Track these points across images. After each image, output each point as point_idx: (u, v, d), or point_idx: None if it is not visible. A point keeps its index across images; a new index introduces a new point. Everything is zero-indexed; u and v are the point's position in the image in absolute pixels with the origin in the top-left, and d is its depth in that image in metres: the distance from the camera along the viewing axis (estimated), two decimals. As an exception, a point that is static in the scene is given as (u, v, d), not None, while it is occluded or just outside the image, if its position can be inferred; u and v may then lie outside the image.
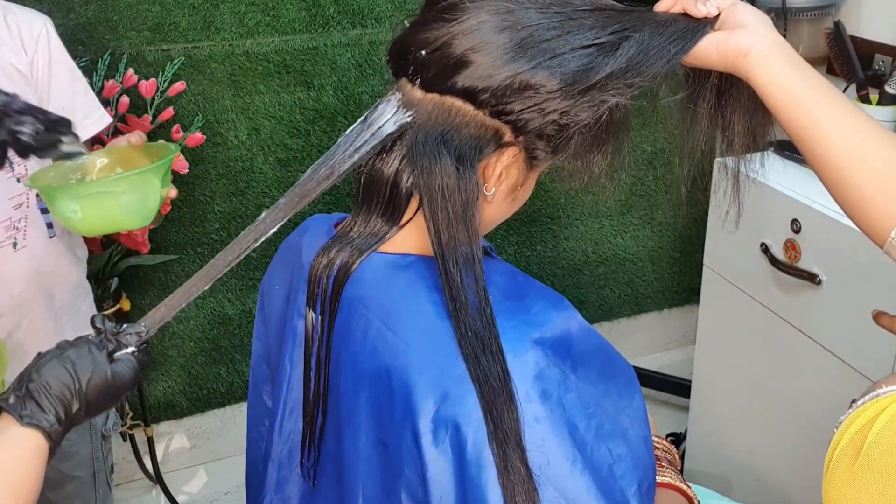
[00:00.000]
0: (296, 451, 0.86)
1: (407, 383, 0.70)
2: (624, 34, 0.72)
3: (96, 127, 1.35)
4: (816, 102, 0.71)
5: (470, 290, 0.71)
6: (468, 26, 0.71)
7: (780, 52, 0.72)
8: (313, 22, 1.87)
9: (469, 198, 0.73)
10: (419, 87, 0.74)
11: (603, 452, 0.69)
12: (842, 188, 0.71)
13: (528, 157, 0.77)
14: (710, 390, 1.92)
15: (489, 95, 0.71)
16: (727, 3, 0.76)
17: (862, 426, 0.60)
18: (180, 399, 2.05)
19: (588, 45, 0.71)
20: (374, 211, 0.78)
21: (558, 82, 0.70)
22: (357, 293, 0.77)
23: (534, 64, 0.70)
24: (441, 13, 0.73)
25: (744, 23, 0.73)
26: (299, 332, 0.84)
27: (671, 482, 0.86)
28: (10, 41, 1.22)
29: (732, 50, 0.73)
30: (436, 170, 0.72)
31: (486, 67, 0.70)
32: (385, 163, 0.76)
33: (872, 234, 0.71)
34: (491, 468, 0.66)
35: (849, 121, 0.70)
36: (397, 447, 0.71)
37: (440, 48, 0.71)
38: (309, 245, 0.85)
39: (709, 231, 1.81)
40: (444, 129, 0.73)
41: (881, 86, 1.59)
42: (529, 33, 0.71)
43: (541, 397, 0.68)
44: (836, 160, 0.70)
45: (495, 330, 0.70)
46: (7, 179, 1.22)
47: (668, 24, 0.74)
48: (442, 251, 0.72)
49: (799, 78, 0.72)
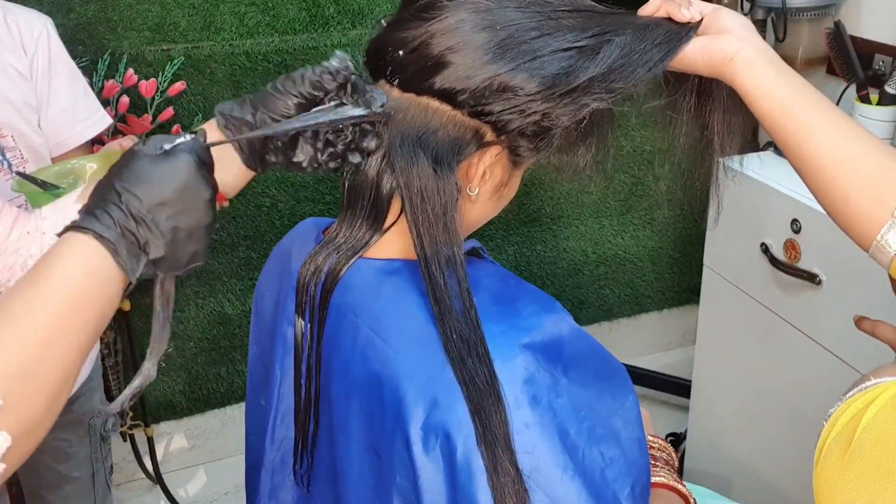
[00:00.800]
0: (288, 457, 0.86)
1: (397, 391, 0.70)
2: (605, 37, 0.71)
3: (97, 128, 1.35)
4: (802, 107, 0.71)
5: (454, 293, 0.70)
6: (446, 25, 0.70)
7: (765, 57, 0.72)
8: (313, 22, 1.87)
9: (448, 200, 0.72)
10: (397, 87, 0.73)
11: (595, 456, 0.69)
12: (827, 192, 0.71)
13: (512, 156, 0.76)
14: (710, 390, 1.92)
15: (468, 96, 0.70)
16: (710, 8, 0.76)
17: (851, 417, 0.60)
18: (180, 399, 2.05)
19: (568, 47, 0.70)
20: (358, 216, 0.77)
21: (538, 85, 0.69)
22: (346, 300, 0.77)
23: (513, 66, 0.69)
24: (419, 12, 0.72)
25: (728, 28, 0.73)
26: (289, 340, 0.83)
27: (665, 482, 0.86)
28: (10, 42, 1.22)
29: (718, 55, 0.73)
30: (413, 171, 0.71)
31: (465, 68, 0.69)
32: (367, 166, 0.75)
33: (857, 238, 0.71)
34: (481, 474, 0.66)
35: (834, 126, 0.70)
36: (389, 455, 0.71)
37: (418, 48, 0.70)
38: (298, 250, 0.85)
39: (709, 231, 1.81)
40: (421, 130, 0.72)
41: (881, 86, 1.59)
42: (509, 33, 0.70)
43: (530, 402, 0.67)
44: (822, 165, 0.70)
45: (480, 332, 0.69)
46: (5, 181, 1.22)
47: (652, 28, 0.74)
48: (424, 254, 0.72)
49: (784, 83, 0.72)
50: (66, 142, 1.30)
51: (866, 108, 1.58)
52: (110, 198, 0.62)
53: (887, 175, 0.68)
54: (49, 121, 1.27)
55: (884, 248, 0.69)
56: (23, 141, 1.22)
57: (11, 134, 1.21)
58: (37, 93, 1.25)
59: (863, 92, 1.61)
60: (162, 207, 0.63)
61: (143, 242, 0.62)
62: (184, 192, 0.64)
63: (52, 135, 1.28)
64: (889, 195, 0.68)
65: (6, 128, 1.20)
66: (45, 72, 1.25)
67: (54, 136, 1.29)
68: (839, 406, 0.63)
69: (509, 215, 2.18)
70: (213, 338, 2.02)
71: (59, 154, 1.30)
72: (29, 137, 1.23)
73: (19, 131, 1.22)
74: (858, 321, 0.88)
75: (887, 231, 0.68)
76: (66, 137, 1.30)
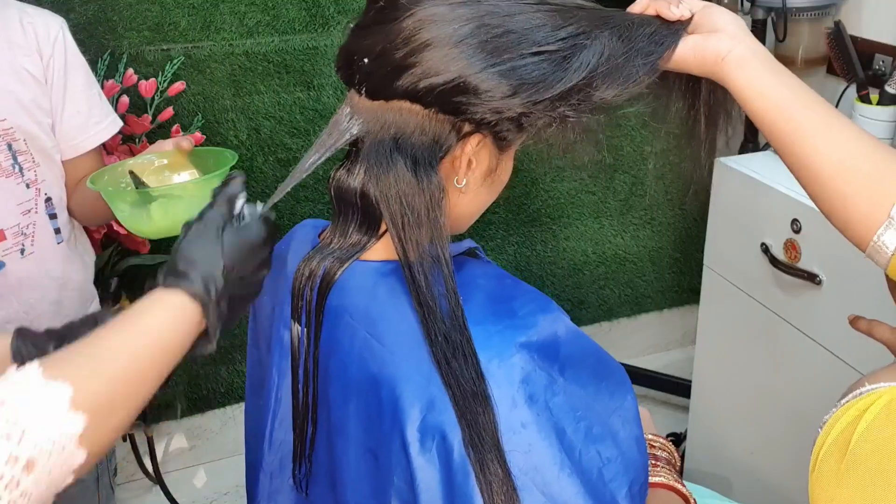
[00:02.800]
0: (286, 461, 0.85)
1: (394, 392, 0.69)
2: (581, 39, 0.69)
3: (110, 131, 1.33)
4: (797, 108, 0.70)
5: (439, 294, 0.70)
6: (406, 26, 0.68)
7: (758, 56, 0.71)
8: (313, 22, 1.87)
9: (432, 200, 0.71)
10: (365, 97, 0.72)
11: (592, 456, 0.69)
12: (824, 193, 0.71)
13: (496, 140, 0.74)
14: (710, 390, 1.92)
15: (435, 96, 0.68)
16: (700, 6, 0.74)
17: (847, 425, 0.60)
18: (180, 399, 2.05)
19: (541, 50, 0.68)
20: (350, 223, 0.76)
21: (509, 89, 0.67)
22: (342, 302, 0.76)
23: (482, 66, 0.67)
24: (380, 14, 0.70)
25: (719, 26, 0.72)
26: (286, 343, 0.83)
27: (665, 482, 0.86)
28: (25, 44, 1.20)
29: (709, 54, 0.71)
30: (391, 177, 0.71)
31: (429, 67, 0.67)
32: (351, 174, 0.74)
33: (854, 239, 0.71)
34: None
35: (830, 127, 0.70)
36: (386, 456, 0.71)
37: (381, 54, 0.69)
38: (294, 254, 0.84)
39: (709, 231, 1.81)
40: (397, 134, 0.71)
41: (881, 86, 1.59)
42: (476, 26, 0.67)
43: (527, 402, 0.67)
44: (819, 166, 0.70)
45: (467, 333, 0.69)
46: (16, 185, 1.20)
47: (637, 28, 0.72)
48: (407, 260, 0.71)
49: (779, 83, 0.71)
50: (81, 145, 1.28)
51: (866, 108, 1.58)
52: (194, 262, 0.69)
53: (884, 175, 0.68)
54: (65, 124, 1.25)
55: (881, 248, 0.68)
56: (34, 144, 1.21)
57: (24, 137, 1.20)
58: (52, 96, 1.23)
59: (863, 92, 1.61)
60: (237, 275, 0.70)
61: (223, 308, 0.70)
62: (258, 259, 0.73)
63: (67, 138, 1.27)
64: (886, 196, 0.67)
65: (18, 131, 1.19)
66: (61, 75, 1.24)
67: (69, 139, 1.27)
68: (834, 412, 0.63)
69: (509, 215, 2.18)
70: (212, 338, 2.02)
71: (71, 157, 1.28)
72: (41, 141, 1.22)
73: (31, 135, 1.21)
74: (854, 321, 0.87)
75: (884, 231, 0.67)
76: (80, 140, 1.28)
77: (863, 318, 0.86)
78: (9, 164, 1.19)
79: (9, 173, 1.19)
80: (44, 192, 1.24)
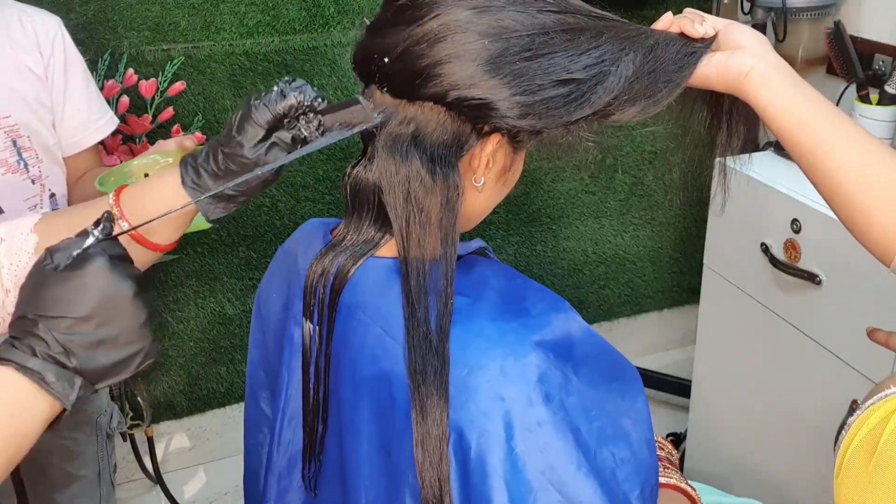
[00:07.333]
0: (295, 460, 0.85)
1: (407, 389, 0.69)
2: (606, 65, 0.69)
3: (109, 128, 1.35)
4: (819, 123, 0.71)
5: (433, 292, 0.70)
6: (432, 28, 0.68)
7: (780, 73, 0.72)
8: (313, 22, 1.87)
9: (448, 199, 0.71)
10: (388, 94, 0.72)
11: (606, 456, 0.69)
12: (848, 208, 0.72)
13: (512, 142, 0.75)
14: (710, 390, 1.92)
15: (460, 105, 0.69)
16: (723, 23, 0.75)
17: (874, 426, 0.60)
18: (180, 399, 2.05)
19: (567, 78, 0.68)
20: (364, 219, 0.76)
21: (535, 117, 0.69)
22: (354, 299, 0.76)
23: (510, 93, 0.67)
24: (399, 13, 0.70)
25: (742, 43, 0.73)
26: (297, 341, 0.83)
27: (675, 483, 0.86)
28: (26, 42, 1.21)
29: (732, 71, 0.72)
30: (403, 171, 0.71)
31: (459, 80, 0.68)
32: (368, 170, 0.74)
33: (878, 253, 0.72)
34: (495, 474, 0.66)
35: (855, 142, 0.71)
36: (400, 454, 0.71)
37: (402, 55, 0.69)
38: (304, 251, 0.84)
39: (709, 231, 1.81)
40: (416, 130, 0.71)
41: (881, 86, 1.59)
42: (504, 47, 0.67)
43: (544, 400, 0.67)
44: (841, 180, 0.71)
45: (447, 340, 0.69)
46: (22, 181, 1.21)
47: (664, 47, 0.72)
48: (405, 253, 0.71)
49: (804, 99, 0.71)
50: (80, 142, 1.30)
51: (866, 108, 1.58)
52: (28, 328, 0.59)
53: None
54: (65, 122, 1.27)
55: None
56: (38, 141, 1.22)
57: (28, 134, 1.21)
58: (53, 94, 1.24)
59: (863, 92, 1.61)
60: (84, 323, 0.59)
61: (72, 365, 0.59)
62: (104, 300, 0.60)
63: (67, 135, 1.28)
64: None
65: (23, 128, 1.20)
66: (61, 74, 1.25)
67: (69, 136, 1.28)
68: (859, 415, 0.63)
69: (509, 215, 2.18)
70: (213, 338, 2.02)
71: (71, 154, 1.30)
72: (44, 137, 1.23)
73: (35, 131, 1.22)
74: (871, 333, 0.87)
75: None
76: (80, 138, 1.30)
77: (880, 330, 0.86)
78: (14, 160, 1.20)
79: (14, 169, 1.20)
80: (48, 187, 1.25)
